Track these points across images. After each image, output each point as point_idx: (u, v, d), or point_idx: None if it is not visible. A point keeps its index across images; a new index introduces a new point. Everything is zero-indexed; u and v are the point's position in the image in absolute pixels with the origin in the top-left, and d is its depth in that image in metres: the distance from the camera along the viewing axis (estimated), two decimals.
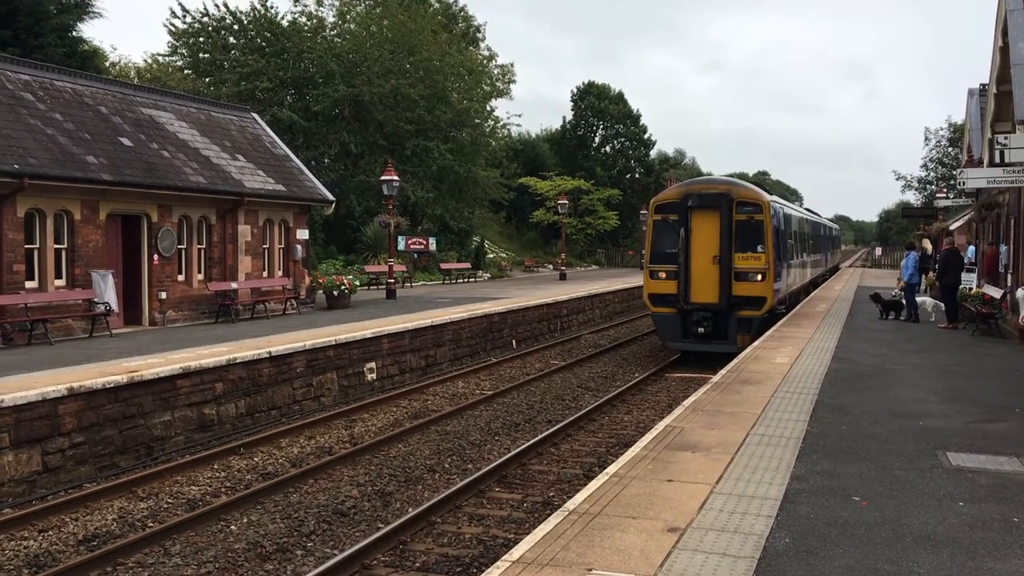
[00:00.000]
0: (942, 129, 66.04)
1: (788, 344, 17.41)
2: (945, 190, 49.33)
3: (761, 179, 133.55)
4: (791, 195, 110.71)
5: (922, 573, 5.70)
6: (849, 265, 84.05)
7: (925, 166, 68.29)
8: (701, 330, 20.88)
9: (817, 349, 16.68)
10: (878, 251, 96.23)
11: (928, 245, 33.10)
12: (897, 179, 74.49)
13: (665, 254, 21.33)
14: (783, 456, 8.58)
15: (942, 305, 22.51)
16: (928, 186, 66.10)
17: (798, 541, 6.25)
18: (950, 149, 64.31)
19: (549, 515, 6.93)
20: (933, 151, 67.05)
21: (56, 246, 19.20)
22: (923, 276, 26.43)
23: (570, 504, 7.07)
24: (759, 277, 20.62)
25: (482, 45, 59.87)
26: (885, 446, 9.11)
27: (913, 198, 71.27)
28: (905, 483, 7.76)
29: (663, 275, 21.34)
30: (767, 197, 21.62)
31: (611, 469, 8.11)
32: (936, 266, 25.89)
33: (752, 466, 8.21)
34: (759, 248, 20.63)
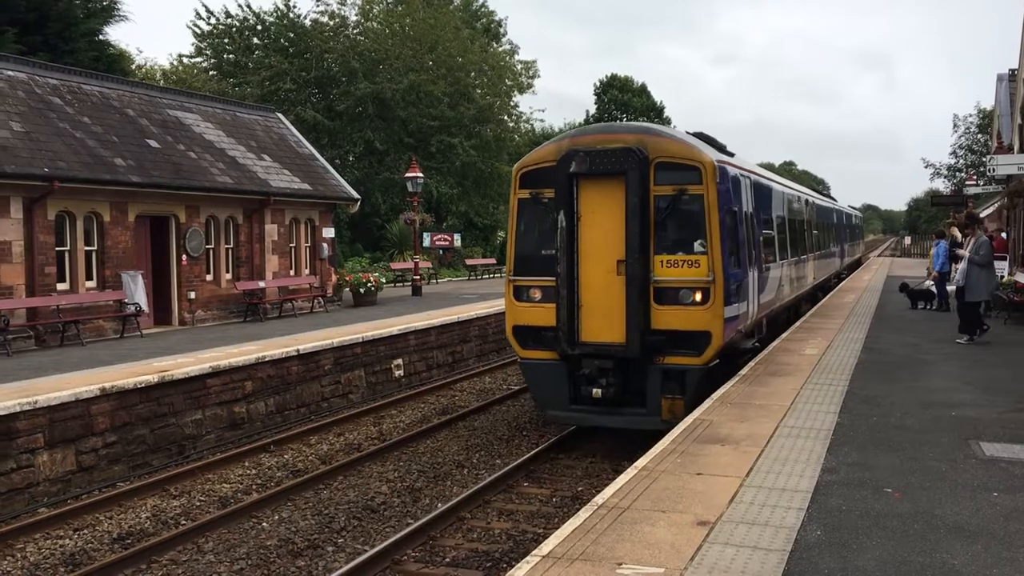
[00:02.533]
0: (971, 115, 65.21)
1: (817, 335, 17.28)
2: (975, 177, 48.70)
3: (788, 169, 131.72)
4: (819, 186, 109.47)
5: (956, 565, 5.64)
6: (878, 255, 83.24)
7: (954, 153, 67.43)
8: (598, 391, 12.29)
9: (846, 340, 16.54)
10: (907, 240, 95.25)
11: (957, 233, 32.59)
12: (926, 167, 73.67)
13: (538, 258, 12.90)
14: (813, 448, 8.51)
15: None
16: (957, 173, 65.27)
17: (830, 534, 6.21)
18: (979, 136, 63.49)
19: (578, 509, 6.92)
20: (962, 138, 66.19)
21: (86, 248, 19.42)
22: (953, 264, 26.05)
23: (599, 498, 7.06)
24: (698, 296, 12.12)
25: (503, 40, 59.86)
26: (917, 437, 9.01)
27: (942, 186, 70.42)
28: (938, 474, 7.68)
29: (536, 294, 12.90)
30: (711, 155, 12.72)
31: (640, 463, 8.09)
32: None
33: (782, 459, 8.15)
34: (697, 245, 12.21)
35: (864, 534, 6.19)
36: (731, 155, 14.98)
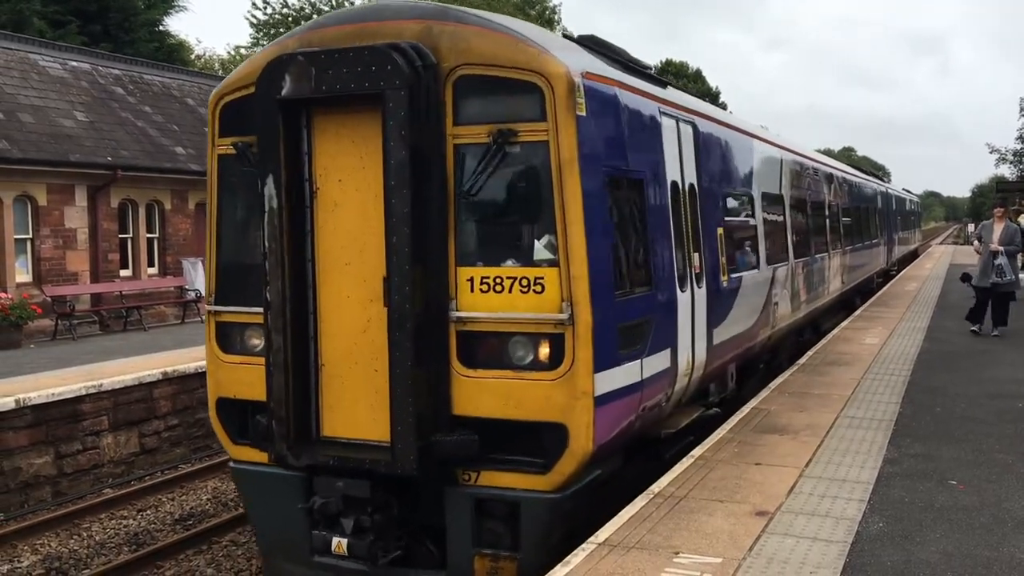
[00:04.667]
0: None
1: (878, 324, 16.95)
2: None
3: (847, 155, 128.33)
4: (879, 171, 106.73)
5: None
6: (939, 243, 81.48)
7: (1020, 138, 65.44)
8: (341, 542, 6.31)
9: (908, 329, 16.20)
10: (971, 227, 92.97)
11: None
12: (990, 152, 71.56)
13: (246, 269, 6.96)
14: (875, 439, 8.35)
15: None
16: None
17: (892, 525, 6.08)
18: None
19: (634, 497, 6.88)
20: None
21: (148, 235, 19.83)
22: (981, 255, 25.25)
23: (655, 487, 7.01)
24: (542, 350, 6.24)
25: (558, 27, 59.62)
26: (983, 428, 8.79)
27: (1008, 172, 68.52)
28: (1005, 466, 7.48)
29: (255, 340, 6.94)
30: (570, 62, 6.36)
31: (696, 452, 8.01)
32: None
33: (842, 449, 8.01)
34: (541, 246, 6.30)
35: (928, 527, 6.06)
36: (648, 76, 8.21)
